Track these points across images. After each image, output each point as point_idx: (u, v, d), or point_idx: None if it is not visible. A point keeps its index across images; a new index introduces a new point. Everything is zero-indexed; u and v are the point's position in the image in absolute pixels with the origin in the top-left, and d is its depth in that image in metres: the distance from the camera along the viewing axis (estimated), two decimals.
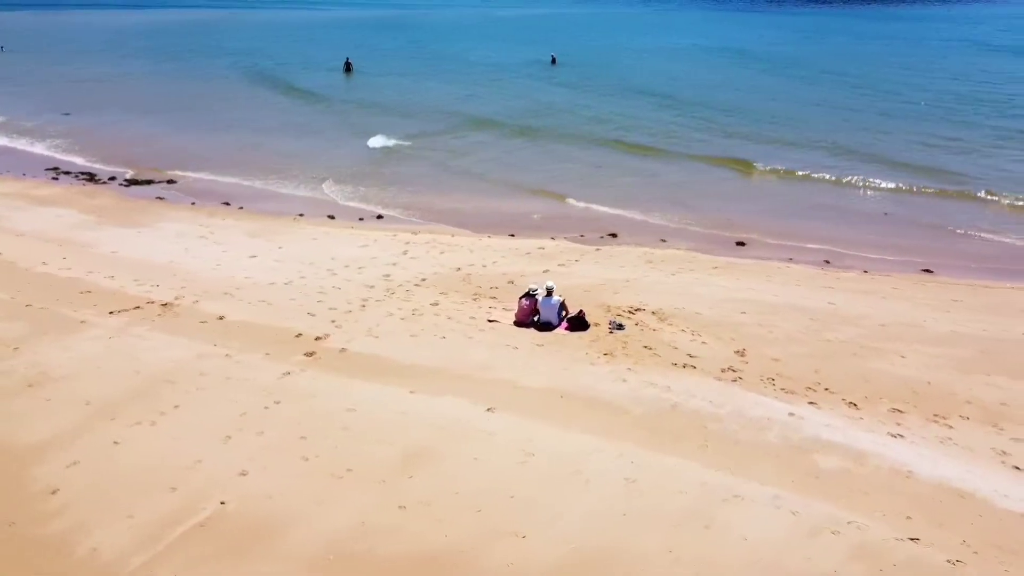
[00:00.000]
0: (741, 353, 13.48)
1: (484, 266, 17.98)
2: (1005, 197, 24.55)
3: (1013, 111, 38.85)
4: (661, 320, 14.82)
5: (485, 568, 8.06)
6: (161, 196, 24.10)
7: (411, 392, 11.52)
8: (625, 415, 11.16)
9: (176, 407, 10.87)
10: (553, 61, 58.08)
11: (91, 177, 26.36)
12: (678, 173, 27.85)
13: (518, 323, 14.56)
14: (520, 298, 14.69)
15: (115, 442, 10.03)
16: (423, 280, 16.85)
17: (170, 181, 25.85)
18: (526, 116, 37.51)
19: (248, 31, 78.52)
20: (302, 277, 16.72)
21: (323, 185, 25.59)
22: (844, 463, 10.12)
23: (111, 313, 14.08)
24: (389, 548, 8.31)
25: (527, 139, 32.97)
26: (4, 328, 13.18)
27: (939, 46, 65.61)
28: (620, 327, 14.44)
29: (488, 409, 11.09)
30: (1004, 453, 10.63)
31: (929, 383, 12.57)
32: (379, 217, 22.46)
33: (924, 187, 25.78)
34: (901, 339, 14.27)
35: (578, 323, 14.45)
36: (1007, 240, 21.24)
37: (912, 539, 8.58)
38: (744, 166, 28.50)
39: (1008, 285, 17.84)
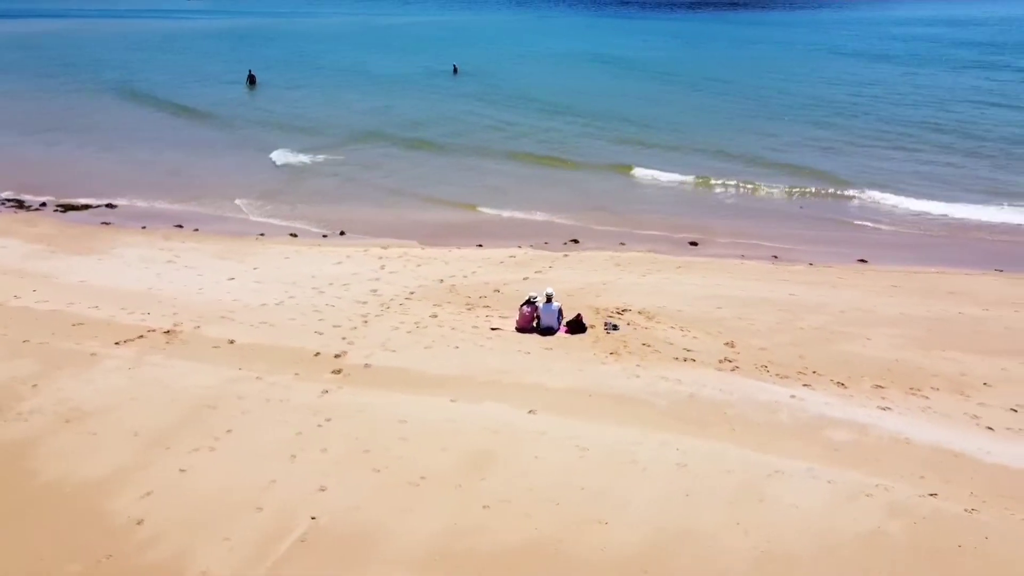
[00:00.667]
0: (731, 345, 14.75)
1: (465, 276, 18.63)
2: (887, 191, 27.06)
3: (869, 112, 41.97)
4: (649, 319, 15.95)
5: (580, 554, 8.82)
6: (107, 221, 23.38)
7: (452, 401, 12.11)
8: (651, 407, 12.15)
9: (228, 431, 11.04)
10: (455, 71, 58.60)
11: (20, 204, 25.20)
12: (595, 181, 29.09)
13: (520, 329, 15.34)
14: (521, 305, 15.47)
15: (181, 470, 10.16)
16: (412, 293, 17.34)
17: (109, 205, 25.02)
18: (441, 127, 38.09)
19: (118, 42, 74.12)
20: (291, 297, 16.87)
21: (243, 203, 25.41)
22: (852, 435, 11.45)
23: (117, 344, 13.90)
24: (487, 544, 8.94)
25: (444, 153, 33.38)
26: (13, 366, 12.84)
27: (801, 51, 70.14)
28: (615, 327, 15.46)
29: (530, 411, 11.83)
30: (976, 416, 12.26)
31: (897, 360, 14.20)
32: (342, 233, 22.66)
33: (815, 187, 27.89)
34: (861, 323, 15.95)
35: (577, 326, 15.37)
36: (913, 231, 23.72)
37: (931, 495, 9.93)
38: (628, 170, 30.31)
39: (933, 270, 20.00)
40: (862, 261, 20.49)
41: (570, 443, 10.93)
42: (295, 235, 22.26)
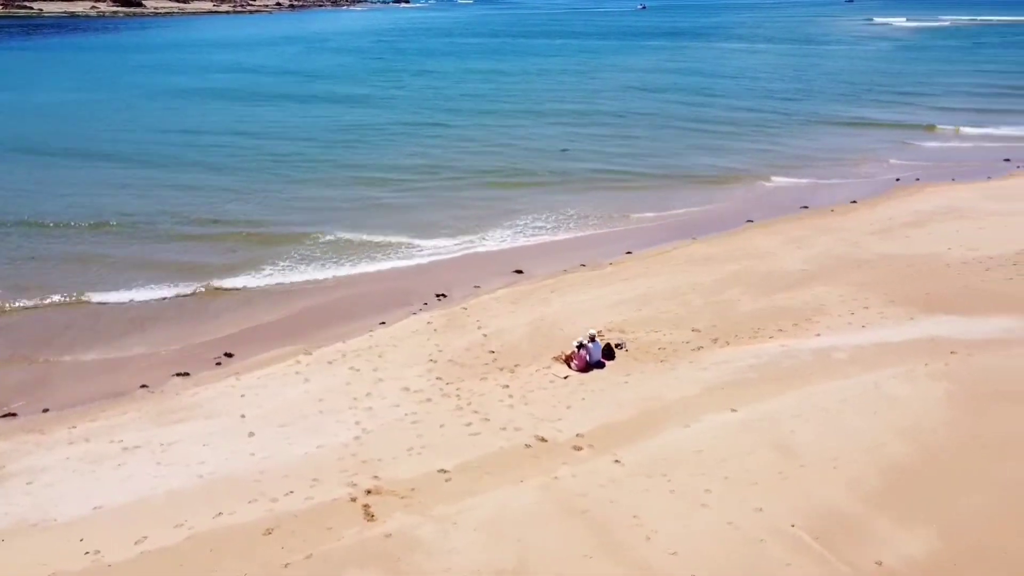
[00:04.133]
0: (697, 331, 20.31)
1: (441, 350, 19.68)
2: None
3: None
4: (624, 332, 20.31)
5: (963, 475, 13.63)
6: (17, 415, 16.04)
7: (733, 410, 15.50)
8: (764, 382, 17.16)
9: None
10: None
11: None
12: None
13: (580, 370, 18.22)
14: (577, 350, 18.28)
15: None
16: (438, 378, 18.10)
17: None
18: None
19: None
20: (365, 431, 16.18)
21: None
22: (856, 353, 18.42)
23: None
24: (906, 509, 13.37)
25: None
26: None
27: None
28: (619, 346, 19.47)
29: (732, 410, 15.83)
30: (898, 317, 20.42)
31: (762, 308, 21.67)
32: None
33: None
34: (717, 291, 23.01)
35: (609, 353, 18.93)
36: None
37: (950, 360, 17.56)
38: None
39: (683, 245, 28.27)
40: (628, 252, 27.58)
41: (786, 416, 15.48)
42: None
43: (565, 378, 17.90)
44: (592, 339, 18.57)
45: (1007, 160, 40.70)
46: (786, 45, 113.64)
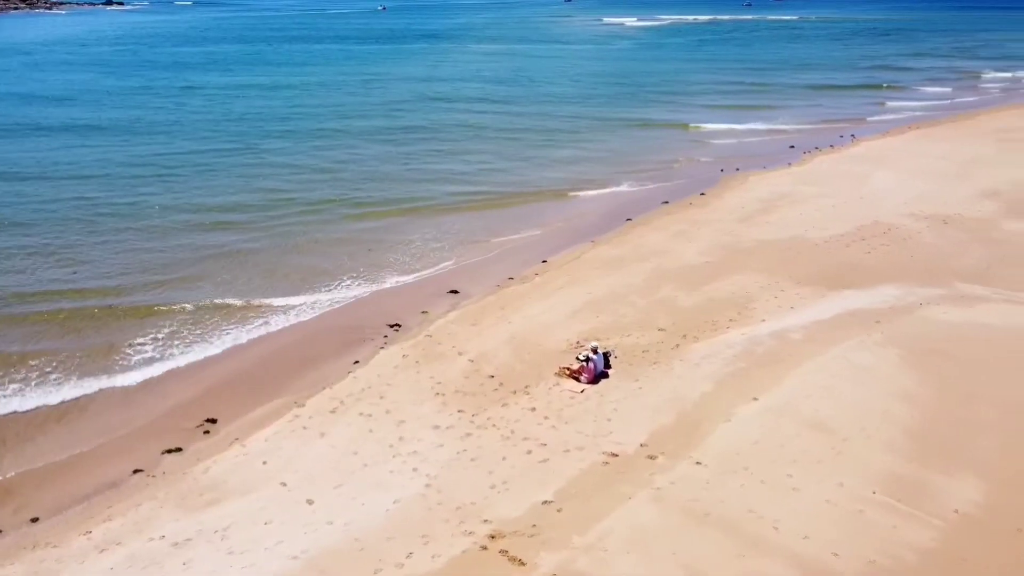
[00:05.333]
0: (663, 330, 21.83)
1: (439, 385, 19.30)
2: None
3: None
4: (600, 340, 21.24)
5: (962, 423, 16.25)
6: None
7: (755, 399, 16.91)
8: (757, 370, 19.02)
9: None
10: None
11: None
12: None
13: (591, 381, 18.91)
14: (585, 364, 18.89)
15: None
16: (462, 412, 17.87)
17: None
18: None
19: None
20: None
21: None
22: (806, 332, 20.96)
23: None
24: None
25: None
26: None
27: None
28: (609, 353, 20.42)
29: (754, 399, 17.47)
30: (812, 296, 23.17)
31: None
32: None
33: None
34: (648, 291, 24.72)
35: (606, 362, 19.79)
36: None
37: (881, 329, 20.58)
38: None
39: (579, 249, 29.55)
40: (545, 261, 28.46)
41: (799, 398, 17.43)
42: None
43: (581, 392, 18.52)
44: (595, 351, 19.35)
45: (792, 147, 47.10)
46: (542, 46, 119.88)
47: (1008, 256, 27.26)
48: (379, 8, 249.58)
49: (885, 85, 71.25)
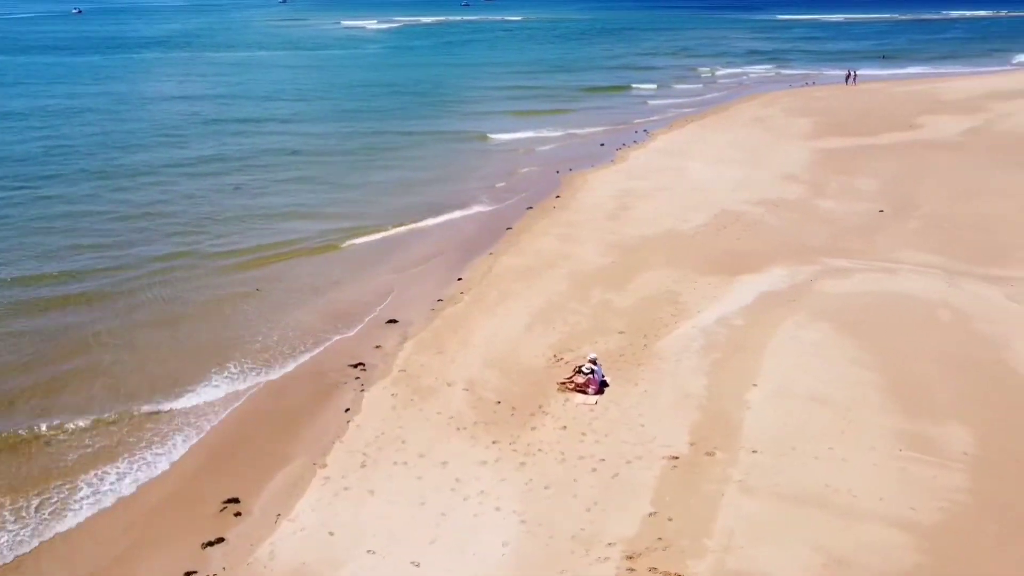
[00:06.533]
0: (623, 333, 22.97)
1: (442, 414, 18.77)
2: None
3: None
4: (574, 350, 21.90)
5: (931, 382, 19.07)
6: None
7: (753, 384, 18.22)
8: (733, 358, 20.83)
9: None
10: None
11: None
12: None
13: (598, 392, 19.53)
14: (591, 376, 19.44)
15: None
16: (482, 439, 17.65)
17: None
18: None
19: None
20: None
21: None
22: (742, 319, 23.25)
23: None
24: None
25: None
26: None
27: None
28: (594, 361, 21.16)
29: (754, 384, 19.25)
30: (722, 284, 25.42)
31: (663, 286, 25.47)
32: None
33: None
34: (604, 281, 25.76)
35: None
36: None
37: (800, 308, 23.38)
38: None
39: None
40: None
41: (791, 380, 19.51)
42: None
43: (595, 403, 19.13)
44: (594, 361, 20.01)
45: (602, 145, 50.64)
46: (288, 53, 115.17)
47: (839, 231, 32.03)
48: (73, 11, 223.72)
49: (642, 85, 77.96)
